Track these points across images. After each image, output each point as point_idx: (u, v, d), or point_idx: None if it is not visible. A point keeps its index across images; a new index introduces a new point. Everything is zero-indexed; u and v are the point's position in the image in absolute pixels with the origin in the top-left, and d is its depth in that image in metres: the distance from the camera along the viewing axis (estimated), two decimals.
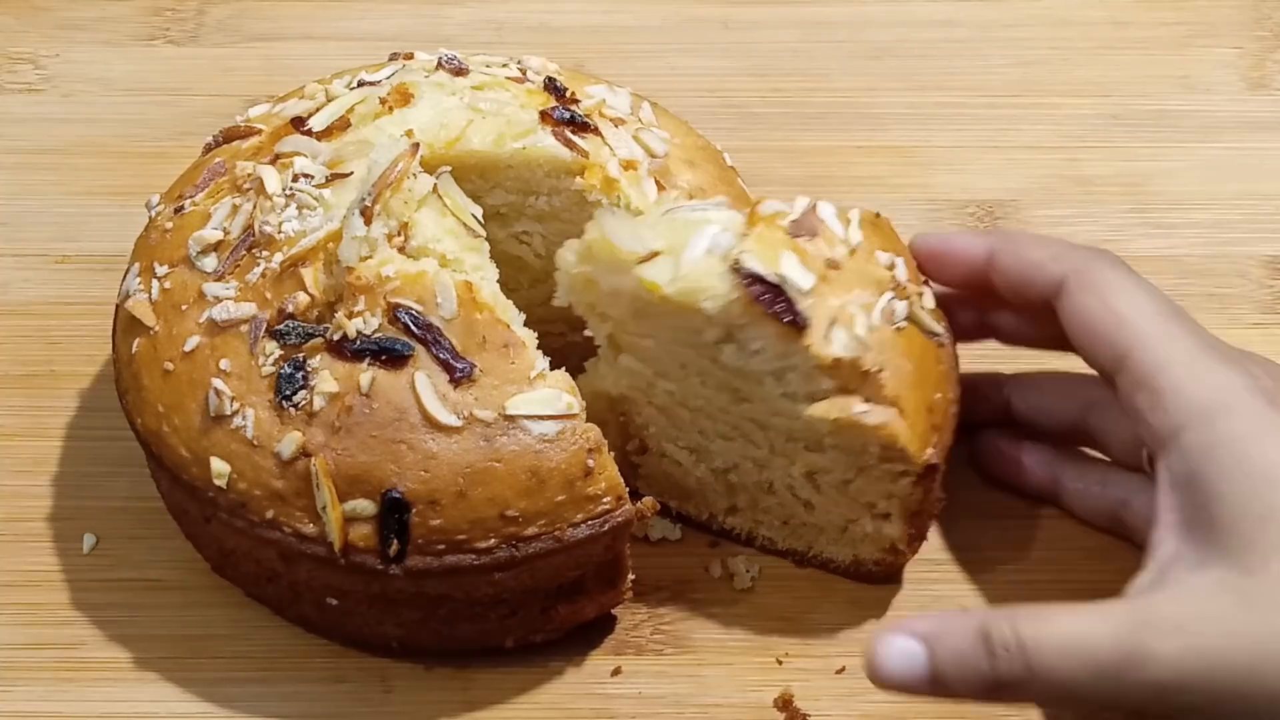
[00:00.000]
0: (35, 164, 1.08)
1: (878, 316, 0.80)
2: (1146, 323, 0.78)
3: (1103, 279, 0.80)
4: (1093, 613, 0.73)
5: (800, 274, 0.79)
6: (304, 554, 0.80)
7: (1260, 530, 0.72)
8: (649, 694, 0.85)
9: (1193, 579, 0.73)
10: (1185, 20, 1.17)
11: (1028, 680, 0.73)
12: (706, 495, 0.89)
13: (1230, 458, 0.73)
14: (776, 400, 0.82)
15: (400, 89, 0.88)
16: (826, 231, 0.82)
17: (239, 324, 0.81)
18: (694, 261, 0.79)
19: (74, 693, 0.85)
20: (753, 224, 0.81)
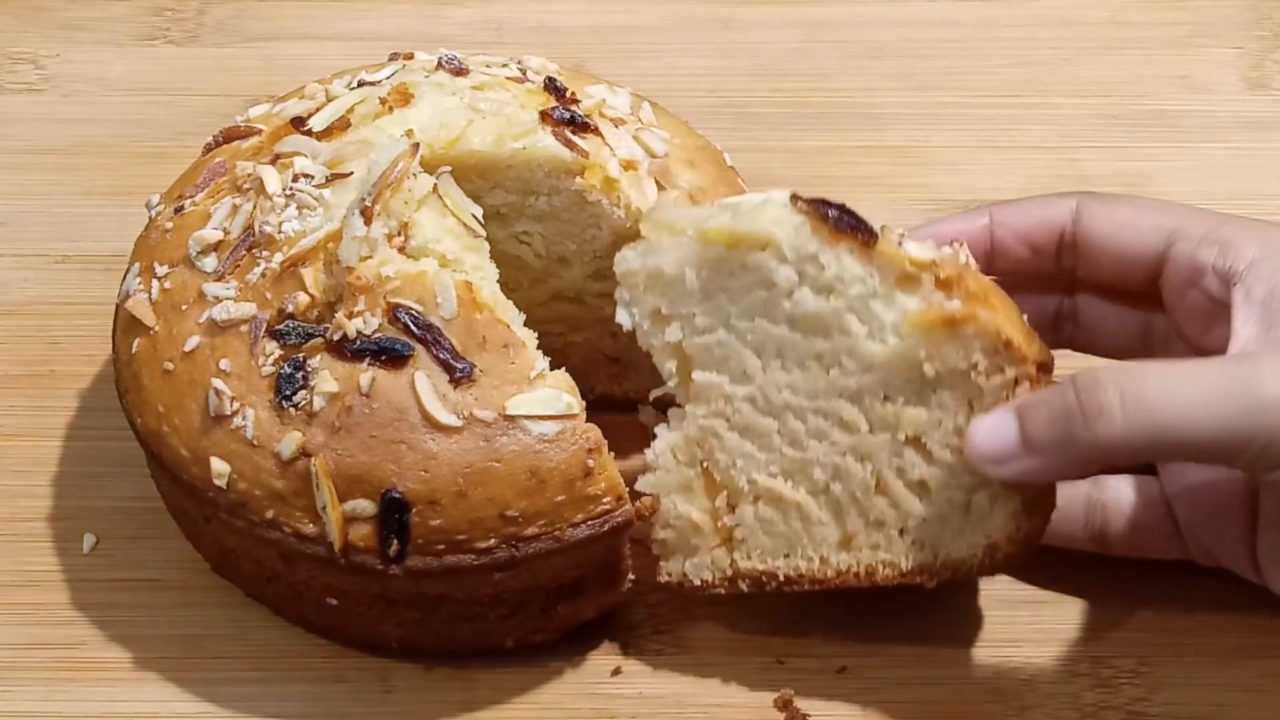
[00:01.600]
0: (36, 164, 1.08)
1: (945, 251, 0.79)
2: (1179, 206, 0.83)
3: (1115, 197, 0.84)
4: (1194, 364, 0.75)
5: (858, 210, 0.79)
6: (304, 554, 0.80)
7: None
8: (649, 694, 0.85)
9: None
10: (1185, 20, 1.17)
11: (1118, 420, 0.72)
12: (813, 534, 0.83)
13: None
14: (863, 347, 0.78)
15: (400, 89, 0.88)
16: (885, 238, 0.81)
17: (239, 324, 0.82)
18: (752, 204, 0.80)
19: (74, 693, 0.85)
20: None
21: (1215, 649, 0.86)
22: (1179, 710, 0.84)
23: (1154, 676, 0.85)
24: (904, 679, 0.85)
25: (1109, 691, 0.84)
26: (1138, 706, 0.84)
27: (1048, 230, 0.84)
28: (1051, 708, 0.84)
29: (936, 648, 0.86)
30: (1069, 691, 0.84)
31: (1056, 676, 0.85)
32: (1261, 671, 0.85)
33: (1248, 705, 0.84)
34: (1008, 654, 0.86)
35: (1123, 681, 0.85)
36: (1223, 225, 0.81)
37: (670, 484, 0.84)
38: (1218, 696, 0.84)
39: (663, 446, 0.83)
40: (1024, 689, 0.85)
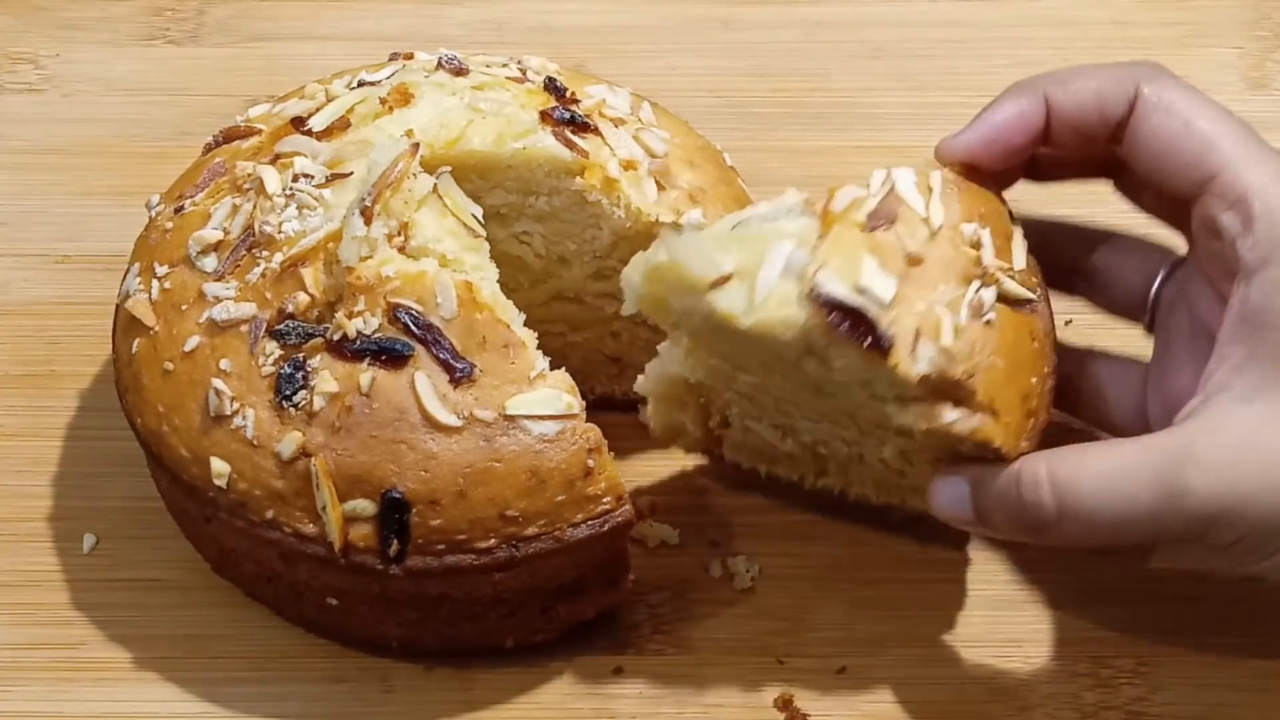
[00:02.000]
0: (36, 164, 1.08)
1: (965, 315, 0.76)
2: (1232, 143, 0.76)
3: (1175, 97, 0.78)
4: (1132, 449, 0.75)
5: (881, 282, 0.75)
6: (304, 554, 0.80)
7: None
8: (649, 694, 0.85)
9: (1240, 411, 0.73)
10: (1185, 20, 1.17)
11: (1057, 519, 0.75)
12: (796, 462, 0.88)
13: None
14: (864, 400, 0.79)
15: (400, 89, 0.88)
16: (907, 213, 0.77)
17: (239, 324, 0.82)
18: (769, 286, 0.76)
19: (74, 693, 0.85)
20: (827, 225, 0.77)
21: (1215, 649, 0.86)
22: (1179, 710, 0.84)
23: (1154, 676, 0.85)
24: (904, 679, 0.85)
25: (1109, 691, 0.84)
26: (1138, 706, 0.84)
27: (1101, 124, 0.80)
28: (1051, 708, 0.84)
29: (936, 648, 0.86)
30: (1069, 691, 0.84)
31: (1056, 676, 0.85)
32: (1261, 671, 0.85)
33: (1248, 705, 0.84)
34: (1008, 654, 0.86)
35: (1123, 681, 0.85)
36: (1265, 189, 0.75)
37: (662, 396, 0.88)
38: (1218, 696, 0.84)
39: (659, 370, 0.86)
40: (1024, 689, 0.85)
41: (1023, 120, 0.80)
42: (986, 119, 0.81)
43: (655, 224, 0.87)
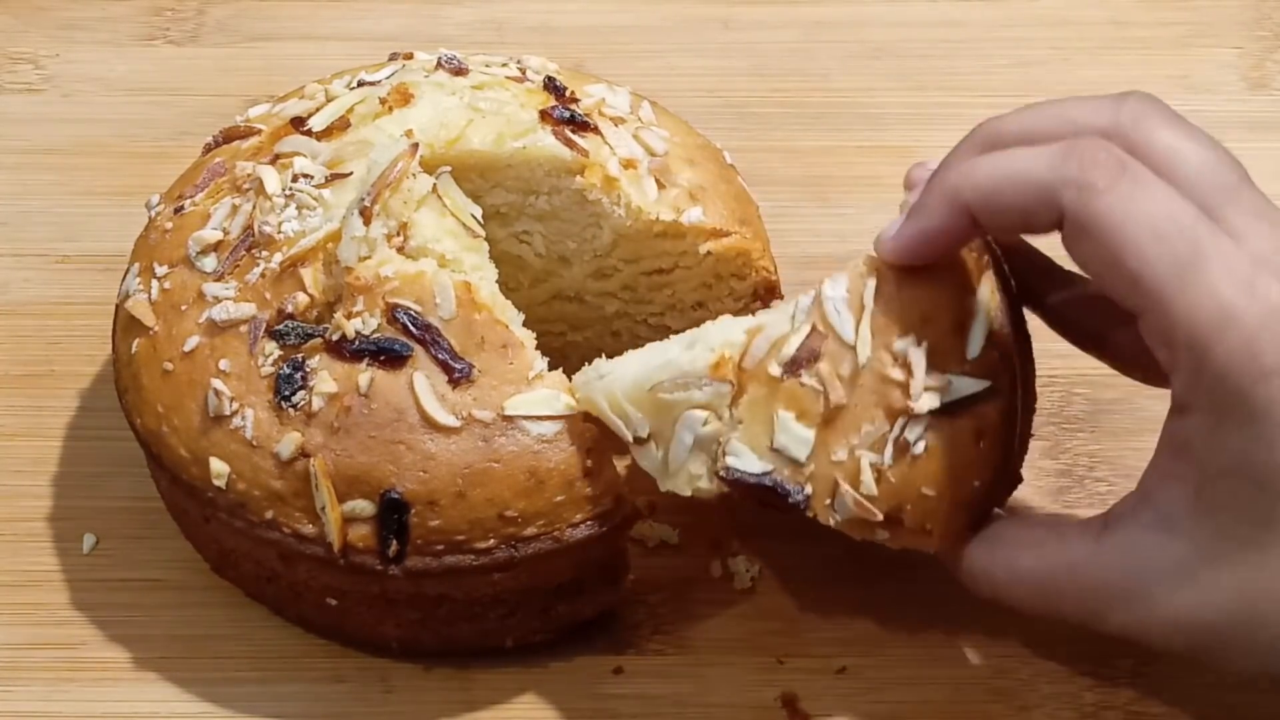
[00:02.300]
0: (36, 164, 1.08)
1: (889, 455, 0.74)
2: (1162, 284, 0.68)
3: (1103, 221, 0.69)
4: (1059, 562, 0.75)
5: (796, 438, 0.74)
6: (303, 554, 0.80)
7: (1238, 525, 0.71)
8: (649, 694, 0.85)
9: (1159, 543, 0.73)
10: (1185, 20, 1.17)
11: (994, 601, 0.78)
12: None
13: (1229, 457, 0.71)
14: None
15: (400, 89, 0.88)
16: (831, 346, 0.74)
17: (238, 324, 0.82)
18: (680, 459, 0.76)
19: (74, 693, 0.85)
20: (741, 386, 0.75)
21: None
22: (1179, 711, 0.84)
23: (1154, 676, 0.85)
24: (904, 679, 0.85)
25: (1109, 691, 0.84)
26: (1138, 706, 0.84)
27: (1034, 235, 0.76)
28: (1051, 708, 0.84)
29: (936, 648, 0.86)
30: (1069, 691, 0.84)
31: (1056, 676, 0.85)
32: None
33: (1248, 705, 0.84)
34: (1008, 654, 0.86)
35: (1123, 681, 0.85)
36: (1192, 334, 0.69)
37: None
38: (1218, 696, 0.84)
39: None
40: (1024, 689, 0.85)
41: (952, 231, 0.75)
42: (915, 225, 0.75)
43: (655, 222, 0.87)
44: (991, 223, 0.73)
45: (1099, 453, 0.94)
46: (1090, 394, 0.95)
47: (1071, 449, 0.94)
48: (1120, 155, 0.70)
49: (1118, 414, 0.91)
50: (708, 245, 0.88)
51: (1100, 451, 0.94)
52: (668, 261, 0.89)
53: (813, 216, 1.05)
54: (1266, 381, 0.69)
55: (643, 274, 0.90)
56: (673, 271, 0.90)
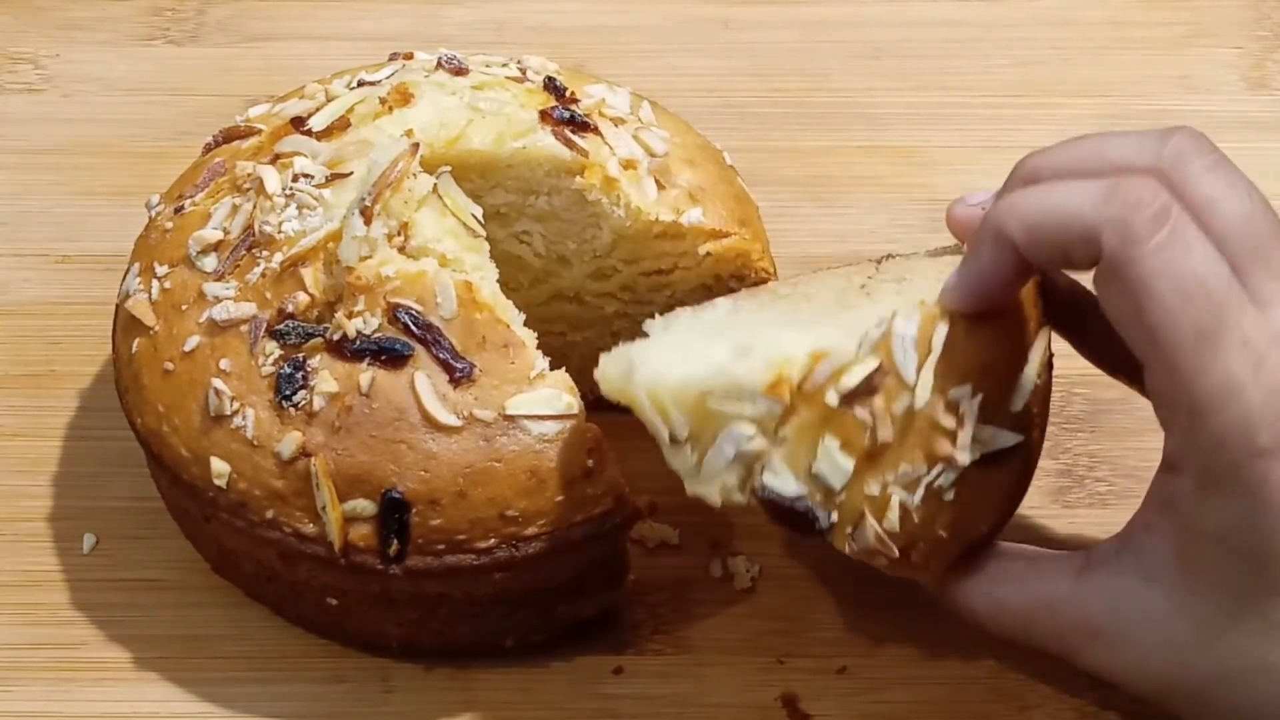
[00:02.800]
0: (36, 164, 1.08)
1: (919, 495, 0.74)
2: (1175, 348, 0.69)
3: (1136, 271, 0.68)
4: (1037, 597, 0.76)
5: (835, 466, 0.73)
6: (304, 554, 0.80)
7: (1217, 590, 0.72)
8: (649, 694, 0.85)
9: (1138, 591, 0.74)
10: (1185, 20, 1.17)
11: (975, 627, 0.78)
12: None
13: (1214, 525, 0.71)
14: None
15: (400, 89, 0.88)
16: (891, 383, 0.73)
17: (239, 324, 0.82)
18: (716, 469, 0.74)
19: (74, 693, 0.85)
20: (793, 406, 0.73)
21: None
22: None
23: None
24: (904, 679, 0.85)
25: (1109, 691, 0.84)
26: (1138, 706, 0.83)
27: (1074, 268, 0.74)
28: (1051, 708, 0.84)
29: (936, 648, 0.86)
30: (1069, 691, 0.84)
31: (1056, 676, 0.85)
32: None
33: None
34: (1008, 654, 0.86)
35: None
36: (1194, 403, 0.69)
37: None
38: None
39: None
40: (1024, 689, 0.85)
41: (1003, 268, 0.73)
42: (969, 272, 0.74)
43: (655, 223, 0.87)
44: (1035, 257, 0.72)
45: (1099, 453, 0.94)
46: (1090, 394, 0.95)
47: (1071, 449, 0.94)
48: (1165, 201, 0.69)
49: (1118, 414, 0.91)
50: (707, 246, 0.88)
51: (1100, 451, 0.94)
52: (667, 262, 0.89)
53: (813, 216, 1.05)
54: (1259, 461, 0.69)
55: (642, 275, 0.90)
56: (672, 272, 0.90)
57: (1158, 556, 0.73)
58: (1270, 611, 0.71)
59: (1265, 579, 0.71)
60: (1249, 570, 0.71)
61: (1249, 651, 0.71)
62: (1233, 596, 0.71)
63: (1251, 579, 0.71)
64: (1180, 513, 0.72)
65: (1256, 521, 0.70)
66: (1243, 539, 0.70)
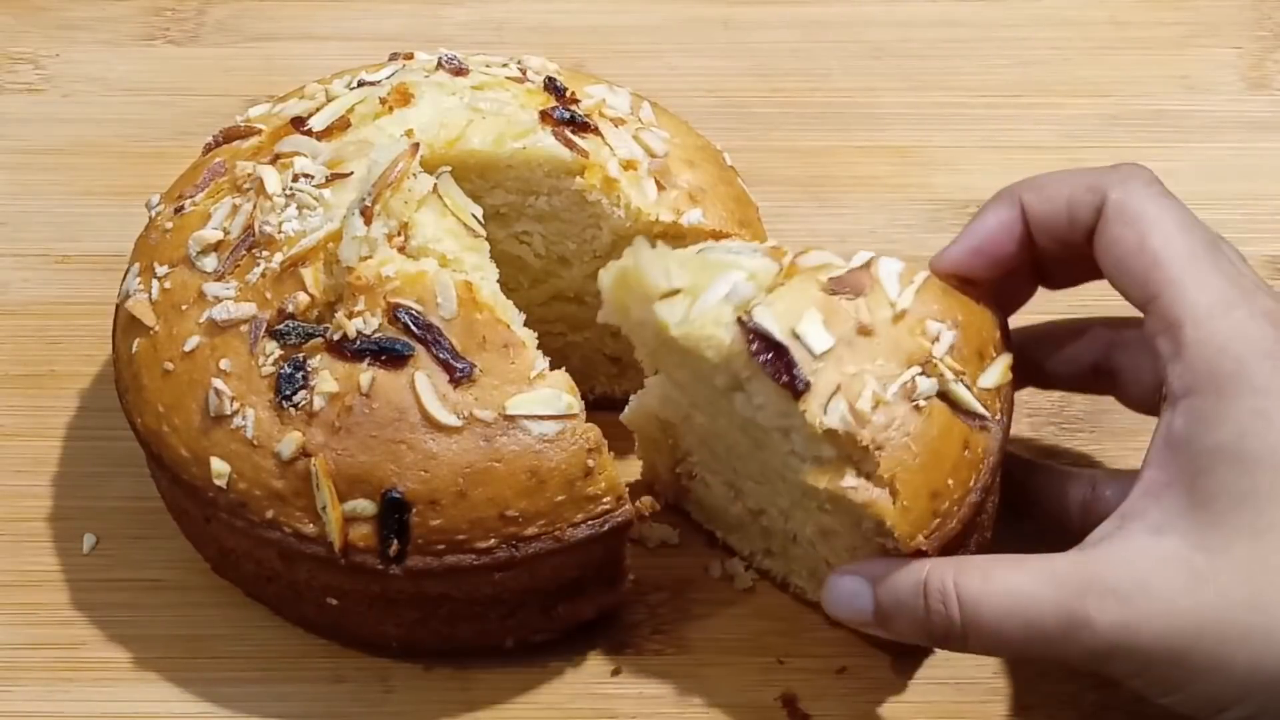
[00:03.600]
0: (35, 164, 1.08)
1: (893, 391, 0.77)
2: (1180, 265, 0.75)
3: (1139, 209, 0.77)
4: (1037, 572, 0.74)
5: (817, 335, 0.77)
6: (304, 554, 0.80)
7: (1233, 511, 0.72)
8: (649, 694, 0.85)
9: (1149, 544, 0.73)
10: (1185, 20, 1.17)
11: (962, 635, 0.75)
12: (747, 533, 0.88)
13: (1228, 434, 0.72)
14: (786, 456, 0.80)
15: (400, 89, 0.88)
16: (876, 291, 0.79)
17: (239, 324, 0.82)
18: (707, 307, 0.78)
19: (74, 693, 0.85)
20: (789, 275, 0.79)
21: None
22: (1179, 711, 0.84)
23: None
24: (904, 679, 0.85)
25: (1109, 691, 0.84)
26: (1137, 706, 0.84)
27: (1071, 230, 0.79)
28: (1051, 708, 0.84)
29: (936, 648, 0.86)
30: (1069, 691, 0.84)
31: (1056, 676, 0.85)
32: None
33: None
34: None
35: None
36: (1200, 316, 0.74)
37: (642, 432, 0.88)
38: None
39: (639, 403, 0.87)
40: (1024, 689, 0.85)
41: (1003, 228, 0.80)
42: (970, 230, 0.81)
43: (655, 224, 0.87)
44: (1039, 210, 0.79)
45: (1099, 453, 0.94)
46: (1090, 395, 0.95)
47: (1071, 449, 0.94)
48: (1156, 177, 0.79)
49: (1118, 414, 0.91)
50: None
51: (1100, 451, 0.94)
52: None
53: (813, 216, 1.05)
54: (1268, 359, 0.72)
55: None
56: None
57: (1164, 508, 0.73)
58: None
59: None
60: (1266, 475, 0.71)
61: (1276, 565, 0.71)
62: (1253, 512, 0.71)
63: (1269, 484, 0.71)
64: (1187, 442, 0.73)
65: (1270, 419, 0.71)
66: (1257, 442, 0.71)
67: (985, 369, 0.80)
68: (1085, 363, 0.85)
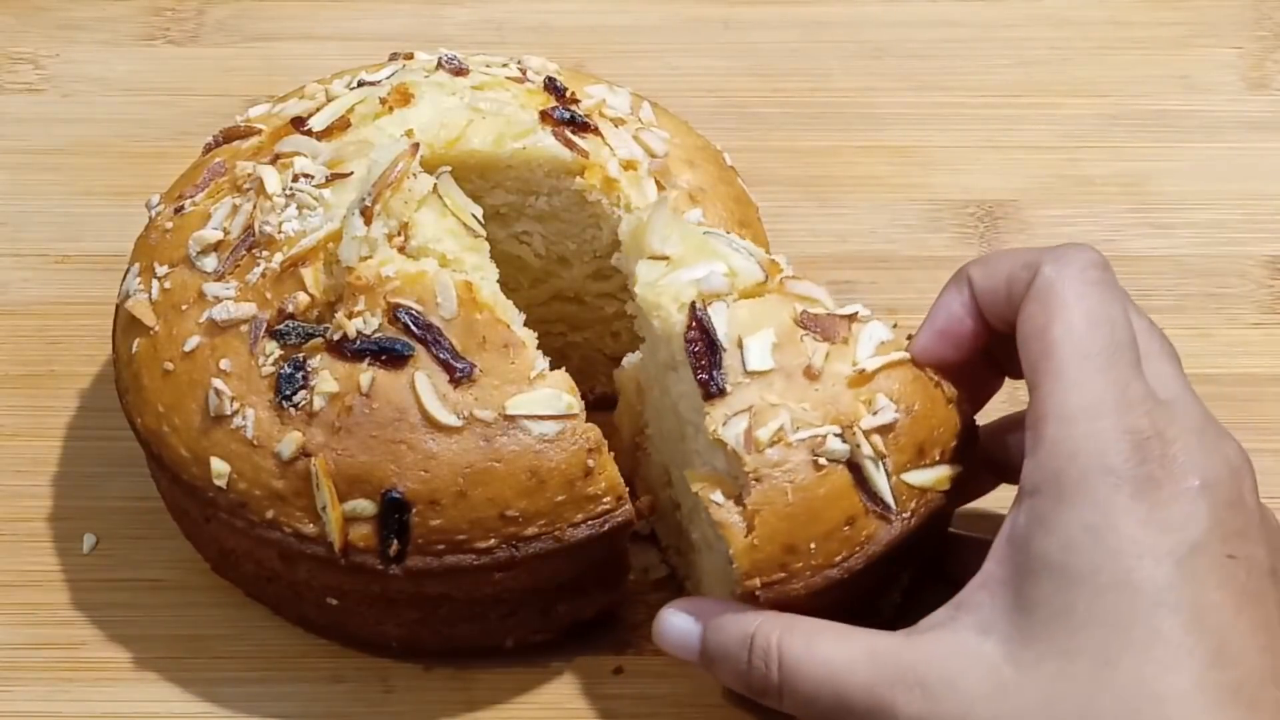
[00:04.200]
0: (35, 164, 1.08)
1: (799, 436, 0.76)
2: (1068, 360, 0.73)
3: (1058, 291, 0.74)
4: (859, 649, 0.73)
5: (759, 355, 0.76)
6: (304, 554, 0.80)
7: (1049, 626, 0.70)
8: (649, 694, 0.85)
9: (970, 642, 0.72)
10: (1185, 20, 1.17)
11: (778, 694, 0.75)
12: (667, 522, 0.88)
13: (1058, 545, 0.70)
14: (692, 454, 0.80)
15: (400, 89, 0.88)
16: (846, 345, 0.78)
17: (239, 324, 0.82)
18: (676, 281, 0.79)
19: (74, 693, 0.85)
20: (770, 290, 0.79)
21: None
22: None
23: None
24: None
25: None
26: None
27: (1009, 307, 0.77)
28: None
29: None
30: None
31: None
32: None
33: None
34: None
35: None
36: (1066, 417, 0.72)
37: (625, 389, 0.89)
38: None
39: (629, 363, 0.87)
40: None
41: (960, 306, 0.79)
42: (930, 312, 0.80)
43: None
44: (983, 286, 0.78)
45: None
46: None
47: None
48: (1104, 260, 0.76)
49: None
50: None
51: None
52: None
53: (813, 216, 1.05)
54: (1108, 477, 0.70)
55: None
56: None
57: (994, 607, 0.72)
58: (1099, 650, 0.69)
59: (1097, 611, 0.69)
60: (1084, 602, 0.69)
61: (1076, 694, 0.69)
62: (1065, 633, 0.69)
63: (1087, 604, 0.69)
64: (1025, 542, 0.71)
65: (1095, 538, 0.70)
66: (1079, 560, 0.70)
67: (920, 466, 0.78)
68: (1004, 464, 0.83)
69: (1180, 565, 0.69)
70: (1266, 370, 0.97)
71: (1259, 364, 0.98)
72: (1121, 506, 0.70)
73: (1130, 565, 0.69)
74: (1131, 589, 0.69)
